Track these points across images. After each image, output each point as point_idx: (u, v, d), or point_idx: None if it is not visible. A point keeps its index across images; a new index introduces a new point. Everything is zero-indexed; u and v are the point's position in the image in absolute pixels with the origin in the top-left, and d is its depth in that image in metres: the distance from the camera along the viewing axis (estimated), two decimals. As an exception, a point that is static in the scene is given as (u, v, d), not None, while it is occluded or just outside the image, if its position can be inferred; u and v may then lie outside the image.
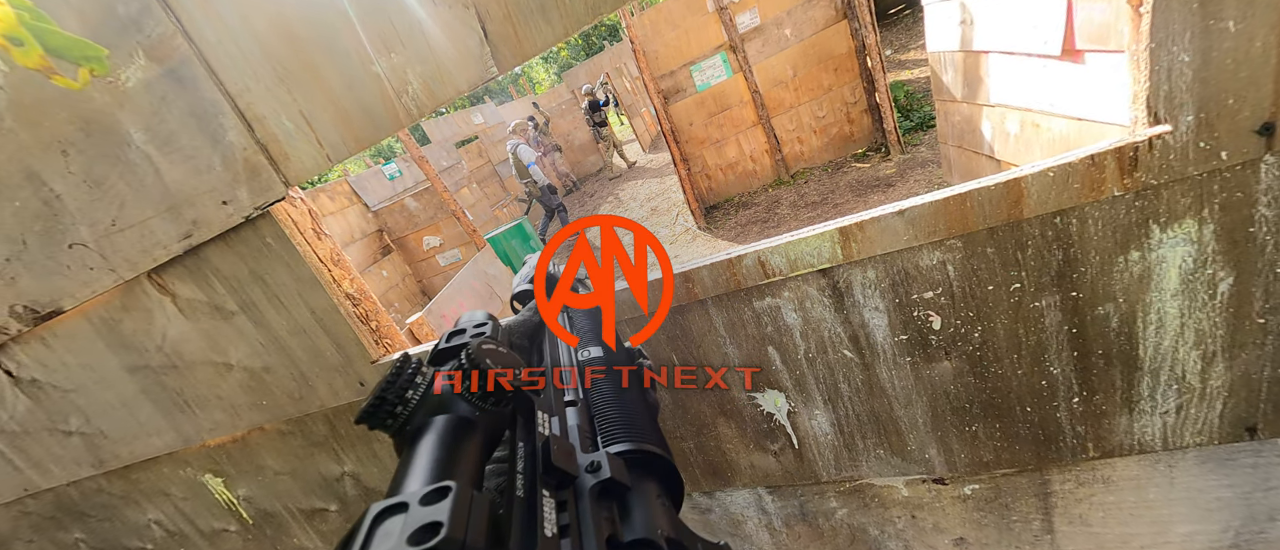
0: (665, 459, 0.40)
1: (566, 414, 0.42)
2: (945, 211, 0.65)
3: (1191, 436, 0.72)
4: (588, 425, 0.41)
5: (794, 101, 5.98)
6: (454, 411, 0.33)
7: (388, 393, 0.33)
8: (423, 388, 0.33)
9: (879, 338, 0.78)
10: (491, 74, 0.67)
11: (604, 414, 0.43)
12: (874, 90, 5.64)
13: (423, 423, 0.32)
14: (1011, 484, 0.86)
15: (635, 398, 0.46)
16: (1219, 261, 0.60)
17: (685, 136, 6.36)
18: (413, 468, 0.29)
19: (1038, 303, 0.68)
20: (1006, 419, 0.78)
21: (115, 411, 1.31)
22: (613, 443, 0.40)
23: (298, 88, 0.76)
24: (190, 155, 0.86)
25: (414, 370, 0.34)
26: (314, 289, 0.99)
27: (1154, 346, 0.67)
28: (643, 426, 0.43)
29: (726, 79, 5.92)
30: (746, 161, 6.34)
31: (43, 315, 1.15)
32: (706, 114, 6.19)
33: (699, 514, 1.11)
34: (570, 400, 0.43)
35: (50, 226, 1.02)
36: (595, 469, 0.34)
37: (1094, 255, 0.63)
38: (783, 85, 5.93)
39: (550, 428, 0.37)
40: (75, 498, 1.55)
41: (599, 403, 0.44)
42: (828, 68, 5.72)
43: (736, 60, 5.87)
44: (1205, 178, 0.55)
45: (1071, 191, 0.59)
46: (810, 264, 0.75)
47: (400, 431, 0.33)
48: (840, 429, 0.89)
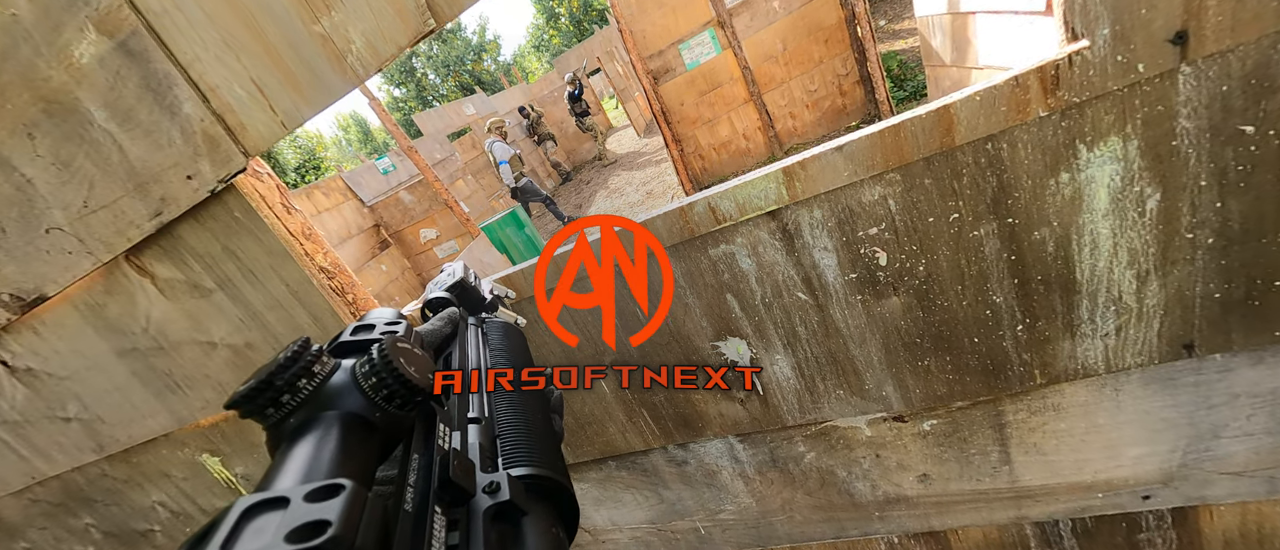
0: (565, 487, 0.39)
1: (468, 431, 0.39)
2: (881, 144, 0.66)
3: (1132, 357, 0.74)
4: (489, 445, 0.39)
5: (785, 76, 5.92)
6: (349, 408, 0.30)
7: (277, 377, 0.29)
8: (319, 378, 0.30)
9: (830, 278, 0.80)
10: (430, 27, 0.68)
11: (508, 435, 0.41)
12: (865, 61, 5.57)
13: (310, 417, 0.29)
14: (967, 417, 0.89)
15: (541, 422, 0.45)
16: (1145, 178, 0.61)
17: (676, 117, 6.32)
18: (292, 463, 0.26)
19: (976, 232, 0.69)
20: (956, 351, 0.80)
21: (110, 396, 1.35)
22: (514, 465, 0.38)
23: (246, 53, 0.77)
24: (150, 130, 0.88)
25: (314, 358, 0.31)
26: (285, 262, 1.01)
27: (1090, 269, 0.68)
28: (545, 452, 0.41)
29: (716, 56, 5.85)
30: (739, 139, 6.30)
31: (29, 302, 1.18)
32: (697, 93, 6.13)
33: (676, 467, 1.15)
34: (474, 417, 0.41)
35: (26, 212, 1.04)
36: (494, 490, 0.33)
37: (1026, 180, 0.64)
38: (773, 60, 5.86)
39: (450, 442, 0.35)
40: (81, 484, 1.60)
41: (504, 423, 0.42)
42: (818, 39, 5.64)
43: (725, 36, 5.79)
44: (1125, 92, 0.56)
45: (999, 115, 0.60)
46: (758, 206, 0.76)
47: (279, 424, 0.29)
48: (801, 372, 0.92)
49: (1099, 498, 0.91)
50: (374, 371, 0.31)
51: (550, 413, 0.50)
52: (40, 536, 1.81)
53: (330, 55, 0.75)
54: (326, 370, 0.31)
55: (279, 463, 0.26)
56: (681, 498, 1.20)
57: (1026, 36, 2.74)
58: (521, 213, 5.66)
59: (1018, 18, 2.76)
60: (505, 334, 0.56)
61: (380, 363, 0.31)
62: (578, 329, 1.00)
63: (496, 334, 0.55)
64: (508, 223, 5.45)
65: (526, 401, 0.46)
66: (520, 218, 5.57)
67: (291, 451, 0.27)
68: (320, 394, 0.30)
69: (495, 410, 0.43)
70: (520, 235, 5.44)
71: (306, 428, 0.28)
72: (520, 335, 0.58)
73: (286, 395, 0.29)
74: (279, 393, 0.29)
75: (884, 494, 1.04)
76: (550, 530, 0.34)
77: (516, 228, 5.48)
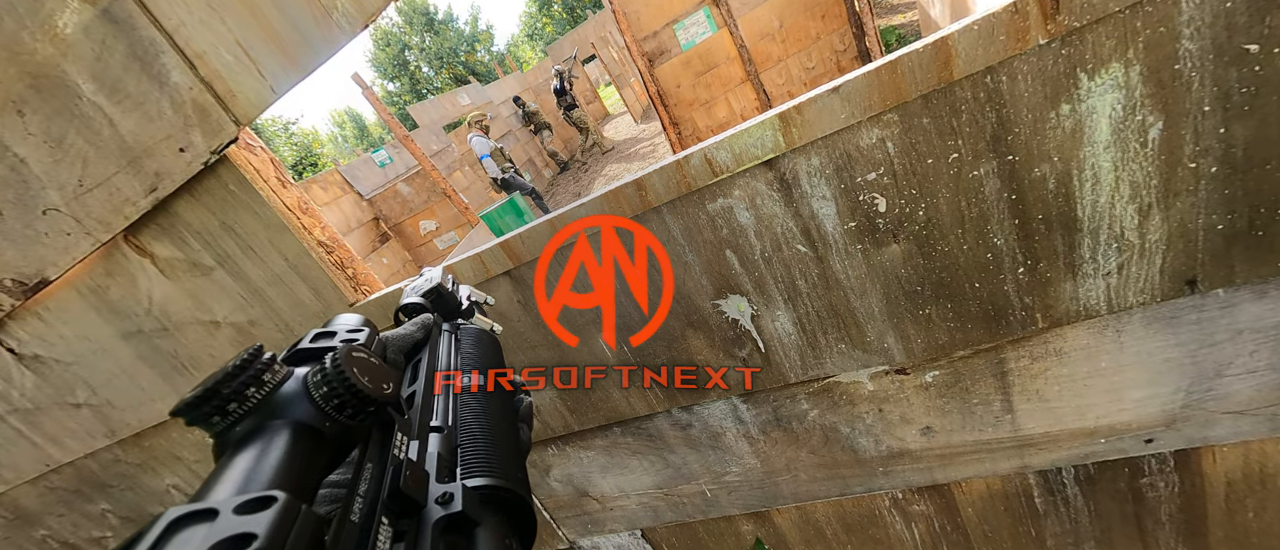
0: (524, 499, 0.38)
1: (428, 440, 0.39)
2: (878, 82, 0.65)
3: (1135, 296, 0.73)
4: (449, 455, 0.39)
5: (782, 54, 5.84)
6: (297, 417, 0.29)
7: (224, 386, 0.28)
8: (269, 387, 0.30)
9: (829, 228, 0.79)
10: (417, -21, 0.67)
11: (468, 445, 0.40)
12: (863, 36, 5.48)
13: (257, 426, 0.29)
14: (969, 366, 0.89)
15: (505, 432, 0.44)
16: (1147, 106, 0.60)
17: (673, 100, 6.25)
18: (230, 473, 0.25)
19: (976, 171, 0.69)
20: (957, 298, 0.80)
21: (118, 380, 1.36)
22: (472, 475, 0.37)
23: (230, 15, 0.76)
24: (140, 102, 0.87)
25: (264, 366, 0.30)
26: (284, 235, 1.01)
27: (1091, 204, 0.67)
28: (507, 463, 0.41)
29: (711, 35, 5.76)
30: (737, 120, 6.23)
31: (31, 287, 1.18)
32: (693, 74, 6.05)
33: (681, 430, 1.15)
34: (436, 426, 0.40)
35: (22, 194, 1.04)
36: (446, 501, 0.32)
37: (1026, 113, 0.63)
38: (769, 38, 5.77)
39: (406, 452, 0.34)
40: (95, 469, 1.63)
41: (465, 433, 0.41)
42: (815, 15, 5.55)
43: (720, 14, 5.70)
44: (1127, 14, 0.55)
45: (998, 44, 0.59)
46: (755, 156, 0.75)
47: (226, 433, 0.29)
48: (802, 328, 0.92)
49: (1102, 443, 0.92)
50: (325, 381, 0.30)
51: (517, 422, 0.49)
52: (59, 523, 1.84)
53: (315, 13, 0.73)
54: (277, 379, 0.31)
55: (217, 472, 0.26)
56: (687, 461, 1.21)
57: (1027, 0, 2.67)
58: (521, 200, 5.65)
59: (1018, -19, 2.70)
60: (478, 341, 0.54)
61: (332, 372, 0.30)
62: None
63: (469, 341, 0.54)
64: (507, 211, 5.44)
65: (492, 410, 0.45)
66: (519, 206, 5.56)
67: (232, 461, 0.26)
68: (269, 403, 0.29)
69: (459, 418, 0.43)
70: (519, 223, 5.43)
71: (252, 437, 0.28)
72: (494, 342, 0.56)
73: (233, 403, 0.28)
74: (225, 401, 0.28)
75: (887, 449, 1.04)
76: (502, 541, 0.34)
77: (516, 216, 5.47)
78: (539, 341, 1.08)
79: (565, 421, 1.20)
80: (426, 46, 31.59)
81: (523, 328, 1.06)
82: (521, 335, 1.07)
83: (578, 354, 1.07)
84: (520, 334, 1.07)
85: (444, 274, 0.64)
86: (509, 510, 0.38)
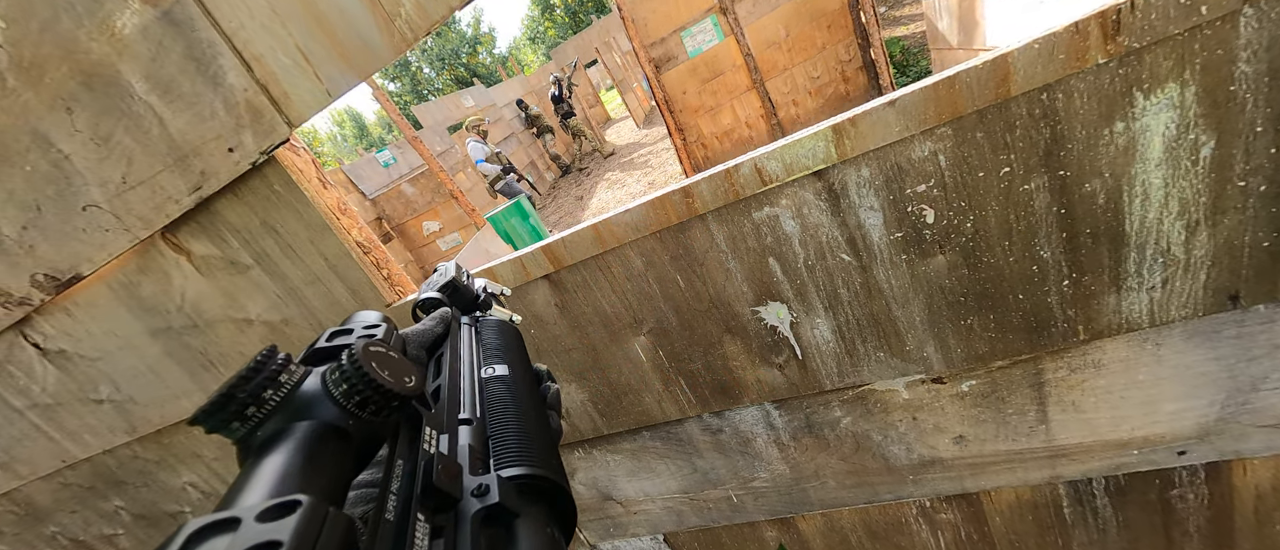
0: (562, 487, 0.38)
1: (459, 433, 0.38)
2: (935, 97, 0.66)
3: (1177, 310, 0.75)
4: (481, 447, 0.38)
5: (788, 63, 5.89)
6: (321, 418, 0.29)
7: (239, 390, 0.28)
8: (287, 388, 0.29)
9: (875, 238, 0.81)
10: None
11: (500, 435, 0.40)
12: (869, 46, 5.55)
13: (278, 429, 0.28)
14: (1006, 376, 0.90)
15: (537, 420, 0.44)
16: (1201, 125, 0.61)
17: (679, 106, 6.29)
18: (255, 480, 0.25)
19: (1027, 185, 0.70)
20: (1000, 309, 0.82)
21: (143, 376, 1.36)
22: (506, 466, 0.37)
23: (292, 20, 0.77)
24: (192, 102, 0.88)
25: (280, 367, 0.30)
26: (325, 235, 1.02)
27: (1140, 220, 0.69)
28: (541, 451, 0.40)
29: (718, 43, 5.82)
30: (742, 128, 6.28)
31: (63, 282, 1.18)
32: (699, 81, 6.10)
33: (710, 435, 1.16)
34: (465, 418, 0.40)
35: (62, 189, 1.04)
36: (482, 493, 0.31)
37: (1080, 130, 0.65)
38: (775, 46, 5.82)
39: (437, 446, 0.34)
40: (112, 466, 1.62)
41: (496, 423, 0.41)
42: (821, 25, 5.60)
43: (727, 23, 5.75)
44: (1186, 36, 0.57)
45: (1057, 63, 0.61)
46: (806, 166, 0.77)
47: (248, 438, 0.28)
48: (841, 335, 0.93)
49: (1134, 455, 0.93)
50: (345, 378, 0.29)
51: (546, 410, 0.49)
52: (70, 520, 1.83)
53: (379, 19, 0.75)
54: (295, 379, 0.30)
55: (240, 479, 0.25)
56: (715, 466, 1.22)
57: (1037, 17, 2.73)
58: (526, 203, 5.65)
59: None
60: (500, 332, 0.54)
61: (350, 368, 0.30)
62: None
63: (490, 332, 0.54)
64: (512, 213, 5.44)
65: (521, 399, 0.45)
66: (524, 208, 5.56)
67: (255, 467, 0.26)
68: (289, 404, 0.29)
69: (487, 409, 0.42)
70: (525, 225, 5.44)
71: (274, 441, 0.27)
72: (515, 332, 0.57)
73: (251, 407, 0.28)
74: (243, 406, 0.27)
75: (919, 457, 1.05)
76: (544, 530, 0.33)
77: (521, 218, 5.47)
78: (573, 344, 1.08)
79: (594, 425, 1.21)
80: (428, 47, 31.68)
81: (558, 331, 1.07)
82: (556, 338, 1.08)
83: (613, 358, 1.08)
84: (555, 337, 1.08)
85: (458, 268, 0.64)
86: (547, 499, 0.37)
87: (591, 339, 1.07)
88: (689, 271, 0.94)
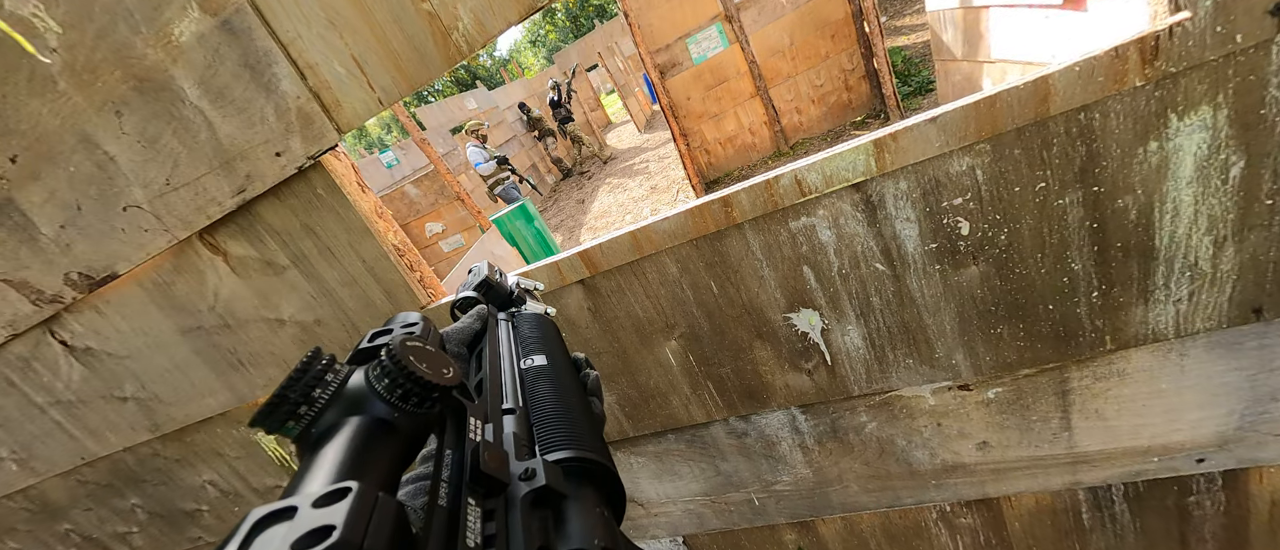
0: (607, 468, 0.39)
1: (503, 422, 0.40)
2: (976, 114, 0.69)
3: (1202, 322, 0.78)
4: (526, 434, 0.40)
5: (791, 71, 5.94)
6: (369, 412, 0.30)
7: (290, 391, 0.30)
8: (334, 386, 0.31)
9: (910, 248, 0.83)
10: (541, 3, 0.71)
11: (543, 421, 0.41)
12: (872, 56, 5.61)
13: (331, 425, 0.30)
14: (1032, 384, 0.92)
15: (578, 406, 0.45)
16: (1232, 146, 0.64)
17: (683, 111, 6.33)
18: (311, 473, 0.26)
19: (1062, 200, 0.73)
20: (1030, 319, 0.84)
21: (169, 375, 1.37)
22: (551, 450, 0.38)
23: (349, 31, 0.79)
24: (243, 108, 0.90)
25: (325, 367, 0.31)
26: (365, 238, 1.03)
27: (1169, 235, 0.72)
28: (584, 434, 0.41)
29: (723, 50, 5.87)
30: (745, 134, 6.33)
31: (98, 281, 1.19)
32: (704, 87, 6.15)
33: (735, 439, 1.18)
34: (509, 407, 0.42)
35: (104, 190, 1.06)
36: (529, 476, 0.33)
37: (1115, 148, 0.68)
38: (780, 54, 5.88)
39: (482, 434, 0.35)
40: (131, 464, 1.62)
41: (538, 411, 0.42)
42: (825, 34, 5.67)
43: (732, 30, 5.81)
44: (1221, 62, 0.60)
45: (1095, 85, 0.64)
46: (845, 179, 0.79)
47: (304, 435, 0.30)
48: (871, 342, 0.95)
49: (1155, 462, 0.96)
50: (386, 373, 0.31)
51: (588, 396, 0.50)
52: (84, 518, 1.83)
53: (435, 32, 0.77)
54: (340, 378, 0.32)
55: (298, 473, 0.27)
56: (738, 469, 1.24)
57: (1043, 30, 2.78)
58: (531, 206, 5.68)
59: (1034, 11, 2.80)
60: (537, 324, 0.56)
61: (390, 364, 0.31)
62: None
63: (527, 326, 0.56)
64: (517, 216, 5.46)
65: (562, 385, 0.46)
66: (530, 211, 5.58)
67: (311, 461, 0.27)
68: (338, 401, 0.30)
69: (530, 397, 0.44)
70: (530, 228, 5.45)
71: (327, 436, 0.29)
72: (552, 324, 0.58)
73: (303, 407, 0.30)
74: (295, 405, 0.29)
75: (942, 462, 1.08)
76: (594, 511, 0.34)
77: (526, 221, 5.49)
78: (604, 348, 1.10)
79: (621, 427, 1.23)
80: (430, 49, 31.66)
81: (590, 334, 1.09)
82: (587, 342, 1.10)
83: (642, 361, 1.10)
84: (586, 341, 1.10)
85: (491, 266, 0.66)
86: (595, 481, 0.38)
87: (622, 343, 1.09)
88: (723, 278, 0.96)
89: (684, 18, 5.75)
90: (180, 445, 1.54)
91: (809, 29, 5.63)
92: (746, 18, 5.63)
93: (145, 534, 1.84)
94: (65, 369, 1.42)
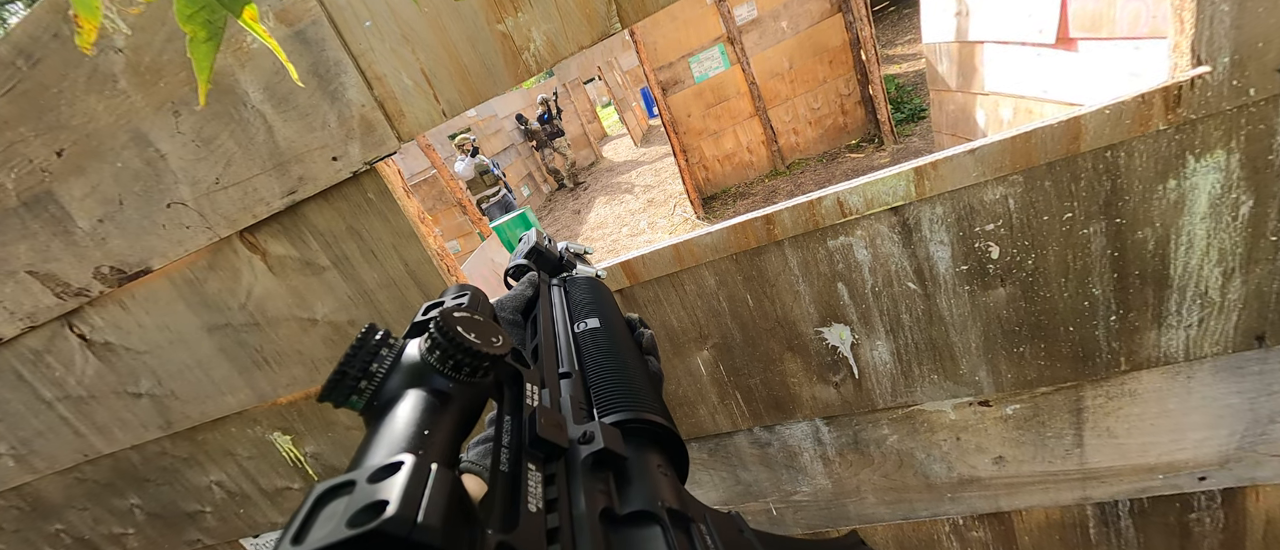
0: (667, 428, 0.39)
1: (560, 386, 0.40)
2: (1012, 149, 0.75)
3: (1209, 347, 0.84)
4: (583, 397, 0.40)
5: (790, 93, 6.11)
6: (423, 384, 0.31)
7: (350, 366, 0.30)
8: (389, 359, 0.31)
9: (941, 269, 0.89)
10: (614, 30, 0.76)
11: (599, 384, 0.41)
12: (868, 82, 5.80)
13: (391, 397, 0.30)
14: (1049, 402, 0.98)
15: (635, 367, 0.45)
16: (1242, 186, 0.71)
17: (683, 127, 6.45)
18: (372, 445, 0.27)
19: (1086, 230, 0.79)
20: (1051, 339, 0.90)
21: (190, 372, 1.36)
22: (609, 413, 0.38)
23: (422, 47, 0.83)
24: (306, 113, 0.92)
25: (380, 342, 0.32)
26: (411, 242, 1.06)
27: (1183, 265, 0.78)
28: (642, 395, 0.41)
29: (724, 71, 6.02)
30: (743, 152, 6.47)
31: (129, 275, 1.19)
32: (704, 105, 6.28)
33: (758, 448, 1.22)
34: (564, 372, 0.42)
35: (150, 186, 1.07)
36: (588, 439, 0.33)
37: (1137, 185, 0.74)
38: (779, 77, 6.05)
39: (539, 400, 0.36)
40: (135, 462, 1.59)
41: (594, 373, 0.42)
42: (823, 60, 5.85)
43: (734, 52, 5.97)
44: (1235, 112, 0.67)
45: (1123, 127, 0.70)
46: (885, 202, 0.85)
47: (369, 407, 0.31)
48: (899, 358, 1.00)
49: (1159, 479, 1.01)
50: (436, 345, 0.32)
51: (643, 356, 0.50)
52: (79, 518, 1.78)
53: (506, 52, 0.81)
54: (395, 351, 0.32)
55: (362, 445, 0.28)
56: (758, 479, 1.27)
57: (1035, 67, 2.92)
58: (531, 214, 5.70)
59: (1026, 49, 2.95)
60: (589, 287, 0.57)
61: (439, 335, 0.32)
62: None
63: (579, 289, 0.56)
64: (518, 224, 5.48)
65: (617, 346, 0.46)
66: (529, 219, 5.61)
67: (371, 435, 0.28)
68: (396, 373, 0.31)
69: (586, 360, 0.44)
70: (530, 237, 5.48)
71: (386, 408, 0.29)
72: (605, 287, 0.58)
73: (362, 381, 0.30)
74: (356, 380, 0.30)
75: (959, 475, 1.12)
76: (656, 471, 0.34)
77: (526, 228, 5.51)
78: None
79: (647, 436, 1.25)
80: (428, 55, 31.82)
81: (624, 343, 1.12)
82: (621, 351, 1.13)
83: (672, 370, 1.14)
84: (620, 349, 1.13)
85: (539, 234, 0.67)
86: (658, 442, 0.38)
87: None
88: (759, 292, 1.00)
89: (688, 37, 5.90)
90: (191, 444, 1.52)
91: (808, 54, 5.81)
92: (748, 40, 5.80)
93: (142, 535, 1.80)
94: (79, 363, 1.40)
